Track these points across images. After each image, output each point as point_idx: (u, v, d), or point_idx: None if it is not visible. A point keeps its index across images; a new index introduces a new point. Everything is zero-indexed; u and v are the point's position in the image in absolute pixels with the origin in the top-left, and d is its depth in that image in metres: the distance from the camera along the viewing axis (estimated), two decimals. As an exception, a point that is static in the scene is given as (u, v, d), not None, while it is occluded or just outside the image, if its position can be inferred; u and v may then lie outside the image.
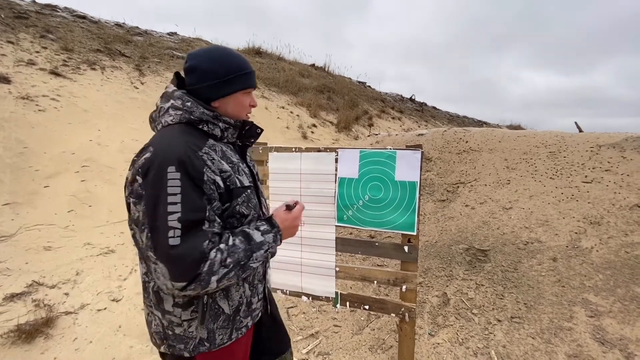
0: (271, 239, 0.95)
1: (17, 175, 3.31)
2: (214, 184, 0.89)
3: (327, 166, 2.09)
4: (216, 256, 0.83)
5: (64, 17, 6.75)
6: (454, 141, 4.14)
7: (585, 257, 2.42)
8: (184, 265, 0.80)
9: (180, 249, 0.80)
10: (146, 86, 5.86)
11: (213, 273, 0.82)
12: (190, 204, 0.83)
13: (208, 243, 0.84)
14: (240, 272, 0.88)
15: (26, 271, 2.58)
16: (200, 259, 0.81)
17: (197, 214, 0.84)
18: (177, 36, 8.97)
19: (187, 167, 0.85)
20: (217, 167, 0.92)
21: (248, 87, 1.05)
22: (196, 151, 0.89)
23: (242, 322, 1.03)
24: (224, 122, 1.00)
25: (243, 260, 0.87)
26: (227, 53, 1.05)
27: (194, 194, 0.84)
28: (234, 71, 1.02)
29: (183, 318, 0.94)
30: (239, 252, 0.87)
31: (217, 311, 0.96)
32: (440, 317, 2.40)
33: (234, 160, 1.00)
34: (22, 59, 4.79)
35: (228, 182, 0.93)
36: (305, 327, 2.55)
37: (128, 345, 2.24)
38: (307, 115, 7.95)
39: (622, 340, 1.95)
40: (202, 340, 0.96)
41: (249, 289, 1.05)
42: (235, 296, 1.00)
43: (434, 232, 3.12)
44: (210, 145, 0.95)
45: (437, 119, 13.03)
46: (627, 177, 2.85)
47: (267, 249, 0.93)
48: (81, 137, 4.08)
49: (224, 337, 0.99)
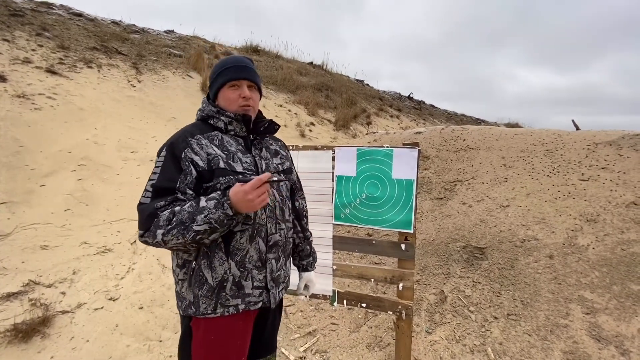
0: (212, 205, 0.98)
1: (13, 174, 3.29)
2: (192, 162, 1.07)
3: (325, 164, 2.09)
4: (164, 214, 1.00)
5: (59, 14, 6.70)
6: (452, 139, 4.15)
7: (582, 254, 2.43)
8: (142, 217, 1.02)
9: (144, 205, 1.03)
10: (143, 84, 5.83)
11: (159, 227, 0.99)
12: (164, 175, 1.06)
13: (165, 204, 1.02)
14: (185, 232, 0.97)
15: (22, 270, 2.57)
16: (151, 214, 1.01)
17: (167, 183, 1.05)
18: (174, 34, 8.93)
19: (173, 148, 1.09)
20: (204, 150, 1.09)
21: (229, 81, 1.17)
22: (187, 137, 1.10)
23: (229, 301, 1.09)
24: (226, 116, 1.16)
25: (187, 222, 0.97)
26: (226, 57, 1.25)
27: (171, 168, 1.06)
28: (217, 69, 1.21)
29: (179, 277, 1.12)
30: (183, 214, 0.98)
31: (201, 279, 1.08)
32: (437, 315, 2.41)
33: (231, 149, 1.13)
34: (17, 57, 4.75)
35: (212, 163, 1.08)
36: (303, 325, 2.55)
37: (125, 344, 2.23)
38: (305, 114, 7.94)
39: (617, 337, 1.96)
40: (190, 303, 1.10)
41: (237, 268, 1.09)
42: (219, 269, 1.07)
43: (431, 230, 3.12)
44: (209, 135, 1.14)
45: (435, 117, 13.04)
46: (623, 175, 2.86)
47: (207, 214, 0.97)
48: (78, 135, 4.06)
49: (207, 307, 1.08)
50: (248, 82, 1.19)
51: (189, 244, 1.01)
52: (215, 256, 1.07)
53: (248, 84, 1.19)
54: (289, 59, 11.15)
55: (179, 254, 1.11)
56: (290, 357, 2.24)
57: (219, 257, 1.07)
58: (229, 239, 1.08)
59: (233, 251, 1.08)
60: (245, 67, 1.20)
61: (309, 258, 1.52)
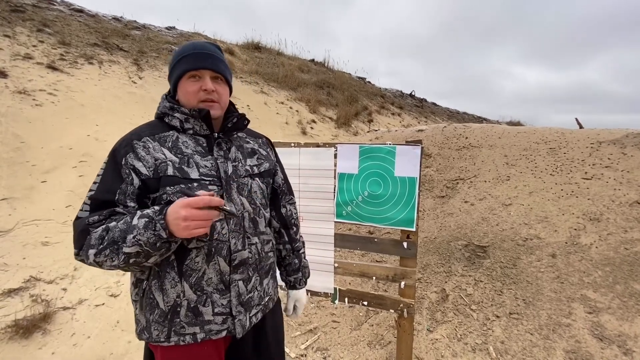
0: (142, 224, 0.81)
1: (14, 170, 3.29)
2: (133, 170, 0.91)
3: (326, 161, 2.08)
4: (97, 232, 0.85)
5: (60, 10, 6.68)
6: (454, 137, 4.13)
7: (585, 253, 2.42)
8: (74, 234, 0.88)
9: (78, 221, 0.88)
10: (144, 81, 5.82)
11: (91, 246, 0.84)
12: (103, 186, 0.91)
13: (99, 219, 0.87)
14: (116, 252, 0.82)
15: (24, 266, 2.57)
16: (83, 230, 0.86)
17: (106, 194, 0.89)
18: (175, 30, 8.90)
19: (115, 154, 0.93)
20: (151, 155, 0.93)
21: (187, 70, 0.98)
22: (132, 140, 0.94)
23: (184, 328, 0.94)
24: (181, 113, 0.98)
25: (119, 240, 0.82)
26: (186, 43, 1.04)
27: (111, 178, 0.91)
28: (175, 58, 1.02)
29: (133, 298, 0.99)
30: (115, 232, 0.83)
31: (152, 302, 0.94)
32: (438, 313, 2.40)
33: (186, 151, 0.96)
34: (18, 53, 4.74)
35: (158, 170, 0.92)
36: (304, 322, 2.55)
37: (126, 341, 2.23)
38: (306, 111, 7.92)
39: (620, 336, 1.95)
40: (143, 328, 0.97)
41: (193, 291, 0.93)
42: (171, 292, 0.92)
43: (433, 228, 3.11)
44: (162, 135, 0.97)
45: (437, 115, 13.00)
46: (627, 174, 2.84)
47: (135, 235, 0.81)
48: (79, 132, 4.05)
49: (160, 335, 0.94)
50: (211, 73, 0.99)
51: (124, 267, 0.86)
52: (166, 277, 0.92)
53: (212, 74, 0.99)
54: (290, 56, 11.12)
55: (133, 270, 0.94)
56: (291, 354, 2.24)
57: (170, 278, 0.92)
58: (183, 257, 0.92)
59: (187, 271, 0.92)
60: (207, 55, 0.99)
61: (297, 274, 1.28)
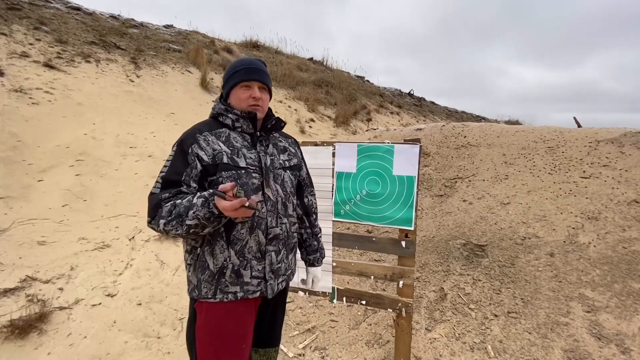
0: (200, 203, 1.04)
1: (11, 169, 3.26)
2: (197, 157, 1.15)
3: (324, 160, 2.07)
4: (167, 207, 1.08)
5: (57, 8, 6.63)
6: (452, 136, 4.12)
7: (583, 252, 2.42)
8: (149, 206, 1.12)
9: (153, 195, 1.13)
10: (142, 79, 5.79)
11: (162, 217, 1.08)
12: (172, 169, 1.15)
13: (169, 196, 1.11)
14: (181, 224, 1.05)
15: (20, 266, 2.55)
16: (157, 204, 1.10)
17: (174, 175, 1.14)
18: (173, 29, 8.86)
19: (183, 144, 1.17)
20: (210, 146, 1.17)
21: (240, 82, 1.25)
22: (195, 134, 1.19)
23: (228, 287, 1.16)
24: (233, 114, 1.24)
25: (183, 215, 1.05)
26: (238, 59, 1.32)
27: (178, 162, 1.15)
28: (231, 70, 1.29)
29: (187, 262, 1.21)
30: (180, 208, 1.06)
31: (204, 264, 1.16)
32: (437, 312, 2.40)
33: (236, 145, 1.20)
34: (15, 51, 4.71)
35: (216, 158, 1.15)
36: (302, 322, 2.54)
37: (123, 341, 2.22)
38: (305, 110, 7.90)
39: (618, 335, 1.95)
40: (194, 287, 1.19)
41: (236, 257, 1.16)
42: (220, 257, 1.15)
43: (432, 227, 3.10)
44: (217, 131, 1.22)
45: (435, 114, 13.00)
46: (625, 173, 2.84)
47: (195, 211, 1.04)
48: (75, 130, 4.03)
49: (208, 292, 1.16)
50: (259, 84, 1.27)
51: (186, 235, 1.08)
52: (217, 244, 1.15)
53: (259, 85, 1.27)
54: (289, 55, 11.09)
55: (188, 240, 1.20)
56: (289, 353, 2.23)
57: (220, 245, 1.15)
58: (230, 229, 1.15)
59: (233, 240, 1.15)
60: (257, 69, 1.28)
61: (315, 254, 1.57)
